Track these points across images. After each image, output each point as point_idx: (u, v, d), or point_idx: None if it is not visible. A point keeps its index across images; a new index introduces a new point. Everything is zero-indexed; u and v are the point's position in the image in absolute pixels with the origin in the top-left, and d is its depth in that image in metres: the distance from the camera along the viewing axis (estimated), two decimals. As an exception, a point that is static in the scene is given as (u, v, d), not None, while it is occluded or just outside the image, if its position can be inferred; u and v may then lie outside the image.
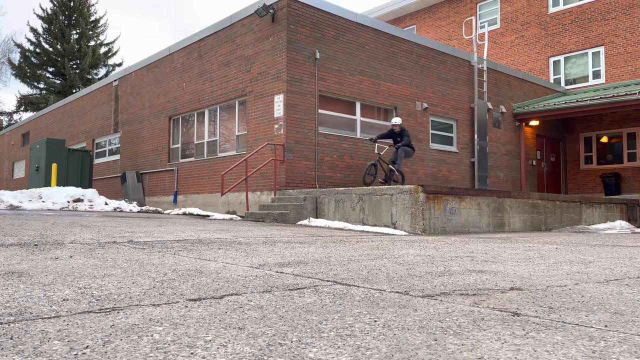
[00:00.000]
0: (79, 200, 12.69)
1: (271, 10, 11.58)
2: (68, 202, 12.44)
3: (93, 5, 40.59)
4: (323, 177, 11.77)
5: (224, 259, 3.89)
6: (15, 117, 40.88)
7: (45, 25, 39.06)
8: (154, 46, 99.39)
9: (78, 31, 39.76)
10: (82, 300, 2.23)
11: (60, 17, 38.83)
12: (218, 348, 1.57)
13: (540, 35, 20.54)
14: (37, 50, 38.96)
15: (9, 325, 1.78)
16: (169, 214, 12.72)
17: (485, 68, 15.84)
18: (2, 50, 41.63)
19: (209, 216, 11.48)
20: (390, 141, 12.28)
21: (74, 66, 39.10)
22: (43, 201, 12.21)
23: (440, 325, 1.92)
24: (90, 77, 38.89)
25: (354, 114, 12.71)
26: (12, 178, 27.74)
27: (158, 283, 2.73)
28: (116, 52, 41.87)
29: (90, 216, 9.18)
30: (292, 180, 11.28)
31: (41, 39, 39.03)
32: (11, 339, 1.61)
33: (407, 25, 24.81)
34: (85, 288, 2.53)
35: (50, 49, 38.97)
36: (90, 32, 40.07)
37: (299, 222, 9.56)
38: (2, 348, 1.51)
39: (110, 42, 41.70)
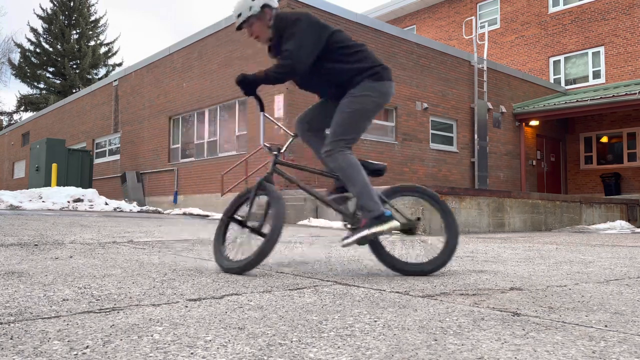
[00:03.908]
0: (79, 200, 12.69)
1: (271, 10, 11.58)
2: (68, 202, 12.44)
3: (93, 5, 40.62)
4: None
5: (224, 259, 3.89)
6: (15, 117, 40.93)
7: (45, 25, 39.07)
8: (154, 46, 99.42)
9: (78, 31, 39.76)
10: (82, 300, 2.23)
11: (60, 17, 38.83)
12: (218, 348, 1.57)
13: (540, 35, 20.54)
14: (37, 50, 38.96)
15: (9, 325, 1.78)
16: (169, 214, 12.72)
17: (485, 68, 15.84)
18: (2, 50, 41.68)
19: (208, 216, 11.47)
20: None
21: (74, 66, 39.10)
22: (43, 201, 12.21)
23: (440, 325, 1.92)
24: (90, 77, 38.90)
25: (354, 114, 12.70)
26: (12, 178, 27.73)
27: (158, 283, 2.73)
28: (116, 52, 41.90)
29: (90, 216, 9.18)
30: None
31: (41, 39, 39.04)
32: (11, 339, 1.62)
33: (407, 25, 24.81)
34: (85, 288, 2.53)
35: (50, 49, 38.97)
36: (90, 32, 40.08)
37: (299, 222, 9.56)
38: (2, 348, 1.51)
39: (110, 42, 41.75)
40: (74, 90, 36.52)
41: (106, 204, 12.89)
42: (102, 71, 40.58)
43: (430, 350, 1.60)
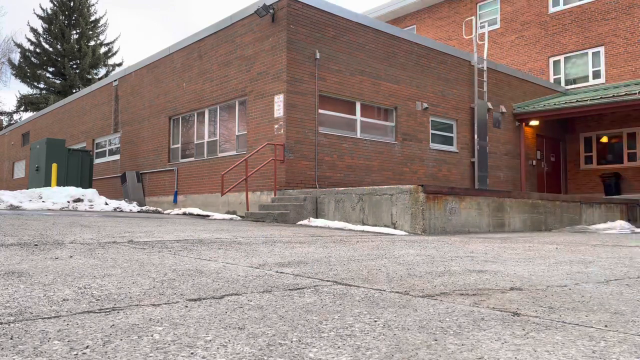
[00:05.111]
0: (79, 200, 12.69)
1: (271, 10, 11.58)
2: (68, 202, 12.44)
3: (93, 5, 40.60)
4: (323, 177, 11.77)
5: (224, 259, 3.89)
6: (15, 117, 40.91)
7: (45, 25, 39.07)
8: (154, 46, 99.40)
9: (78, 31, 39.76)
10: (82, 300, 2.23)
11: (60, 17, 38.83)
12: (218, 348, 1.57)
13: (540, 35, 20.53)
14: (37, 50, 38.96)
15: (9, 325, 1.78)
16: (169, 214, 12.72)
17: (485, 68, 15.83)
18: (2, 50, 41.69)
19: (209, 216, 11.47)
20: None
21: (74, 66, 39.10)
22: (43, 201, 12.21)
23: (440, 325, 1.92)
24: (90, 77, 38.89)
25: (354, 114, 12.71)
26: (12, 178, 27.73)
27: (158, 283, 2.73)
28: (116, 52, 41.89)
29: (90, 216, 9.18)
30: (292, 180, 11.27)
31: (41, 39, 39.04)
32: (11, 339, 1.61)
33: (407, 25, 24.80)
34: (85, 288, 2.53)
35: (50, 49, 38.97)
36: (90, 32, 40.08)
37: (299, 222, 9.56)
38: (2, 348, 1.51)
39: (110, 42, 41.74)
40: (74, 90, 36.51)
41: (106, 204, 12.90)
42: (102, 71, 40.58)
43: (430, 350, 1.60)
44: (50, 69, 39.45)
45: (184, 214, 12.53)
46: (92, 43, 39.97)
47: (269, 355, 1.51)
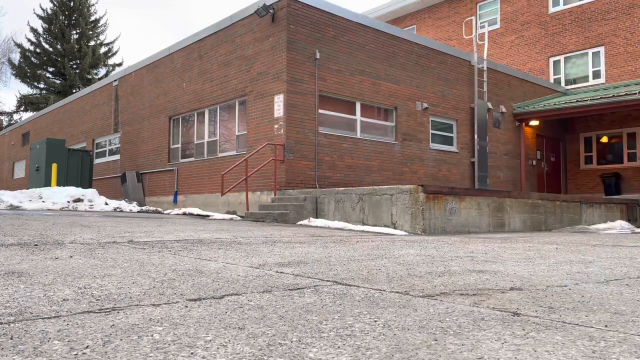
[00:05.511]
0: (79, 200, 12.70)
1: (271, 10, 11.58)
2: (68, 202, 12.44)
3: (93, 5, 40.59)
4: (323, 177, 11.77)
5: (224, 259, 3.89)
6: (15, 117, 40.91)
7: (45, 25, 39.07)
8: (154, 46, 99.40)
9: (78, 31, 39.77)
10: (82, 300, 2.23)
11: (60, 17, 38.83)
12: (218, 348, 1.57)
13: (540, 35, 20.53)
14: (37, 50, 38.96)
15: (9, 325, 1.78)
16: (169, 214, 12.72)
17: (485, 68, 15.83)
18: (2, 50, 41.70)
19: (209, 216, 11.48)
20: None
21: (74, 66, 39.10)
22: (43, 201, 12.21)
23: (440, 325, 1.92)
24: (90, 77, 38.89)
25: (354, 114, 12.71)
26: (12, 178, 27.73)
27: (158, 283, 2.73)
28: (116, 52, 41.89)
29: (90, 216, 9.18)
30: (292, 180, 11.27)
31: (41, 39, 39.04)
32: (11, 339, 1.61)
33: (407, 25, 24.80)
34: (85, 288, 2.53)
35: (50, 49, 38.97)
36: (90, 32, 40.08)
37: (299, 222, 9.56)
38: (2, 348, 1.51)
39: (110, 42, 41.75)
40: (74, 90, 36.51)
41: (106, 204, 12.90)
42: (102, 71, 40.58)
43: (430, 350, 1.60)
44: (50, 69, 39.46)
45: (184, 214, 12.53)
46: (92, 43, 39.97)
47: (269, 355, 1.51)
